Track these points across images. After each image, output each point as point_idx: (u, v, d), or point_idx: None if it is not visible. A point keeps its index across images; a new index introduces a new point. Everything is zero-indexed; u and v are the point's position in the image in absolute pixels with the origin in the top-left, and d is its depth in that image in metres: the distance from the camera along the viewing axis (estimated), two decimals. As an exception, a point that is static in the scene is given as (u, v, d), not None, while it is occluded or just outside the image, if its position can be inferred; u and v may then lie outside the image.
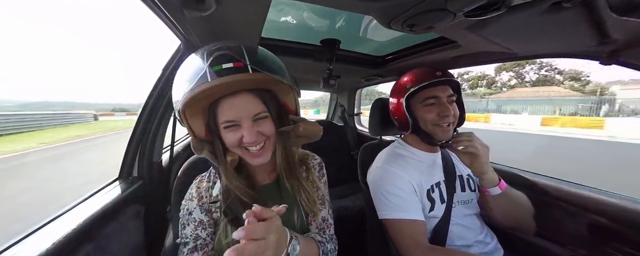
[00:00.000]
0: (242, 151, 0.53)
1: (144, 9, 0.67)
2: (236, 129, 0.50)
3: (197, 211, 0.59)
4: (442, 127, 0.81)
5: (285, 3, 0.89)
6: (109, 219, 0.77)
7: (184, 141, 1.79)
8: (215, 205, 0.59)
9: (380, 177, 0.84)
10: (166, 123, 1.04)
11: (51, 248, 0.56)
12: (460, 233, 0.80)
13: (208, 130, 0.51)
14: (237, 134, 0.50)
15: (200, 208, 0.59)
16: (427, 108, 0.82)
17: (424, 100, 0.82)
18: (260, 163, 0.54)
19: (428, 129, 0.84)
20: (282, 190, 0.62)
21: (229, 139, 0.51)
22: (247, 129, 0.49)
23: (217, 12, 0.73)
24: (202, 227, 0.58)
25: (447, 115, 0.79)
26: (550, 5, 0.51)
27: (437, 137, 0.83)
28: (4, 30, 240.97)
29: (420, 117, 0.84)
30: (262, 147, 0.53)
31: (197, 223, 0.58)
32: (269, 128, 0.53)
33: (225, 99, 0.48)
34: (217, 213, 0.59)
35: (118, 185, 0.91)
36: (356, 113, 2.48)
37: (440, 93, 0.81)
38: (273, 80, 0.48)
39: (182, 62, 0.52)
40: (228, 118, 0.48)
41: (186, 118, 0.48)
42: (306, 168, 0.67)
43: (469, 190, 0.85)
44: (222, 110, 0.48)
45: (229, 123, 0.49)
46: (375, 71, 1.53)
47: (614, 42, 0.63)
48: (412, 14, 0.61)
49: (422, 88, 0.81)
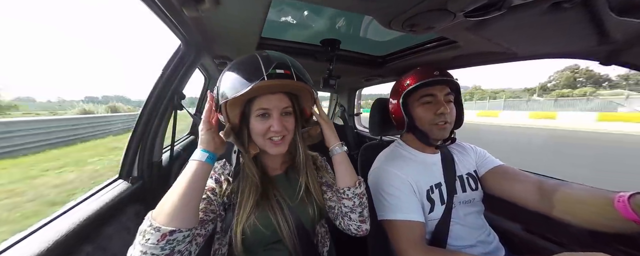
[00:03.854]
0: (265, 141, 0.62)
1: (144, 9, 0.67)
2: (266, 120, 0.60)
3: (211, 181, 0.65)
4: (438, 126, 0.81)
5: (285, 3, 0.89)
6: (109, 219, 0.77)
7: (184, 141, 1.79)
8: (229, 188, 0.65)
9: (379, 177, 0.84)
10: (166, 123, 1.04)
11: (51, 247, 0.56)
12: (462, 233, 0.79)
13: (241, 118, 0.60)
14: (266, 124, 0.60)
15: (214, 178, 0.66)
16: (424, 106, 0.83)
17: (420, 98, 0.83)
18: (278, 152, 0.63)
19: (424, 128, 0.84)
20: (291, 180, 0.72)
21: (258, 127, 0.60)
22: (276, 119, 0.59)
23: (217, 12, 0.73)
24: (208, 201, 0.62)
25: (443, 112, 0.79)
26: (550, 6, 0.51)
27: (433, 136, 0.83)
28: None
29: (417, 115, 0.84)
30: (282, 138, 0.62)
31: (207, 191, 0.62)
32: (291, 124, 0.63)
33: (263, 95, 0.59)
34: (228, 197, 0.65)
35: (118, 184, 0.90)
36: (356, 113, 2.48)
37: (437, 92, 0.81)
38: (305, 89, 0.60)
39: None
40: (262, 106, 0.59)
41: (226, 107, 0.58)
42: (316, 167, 0.77)
43: (469, 190, 0.84)
44: (260, 102, 0.59)
45: (261, 111, 0.59)
46: (375, 71, 1.53)
47: (614, 42, 0.63)
48: (412, 14, 0.61)
49: (419, 87, 0.81)
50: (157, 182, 1.03)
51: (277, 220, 0.62)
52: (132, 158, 0.96)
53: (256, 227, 0.61)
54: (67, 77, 65.47)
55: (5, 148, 6.58)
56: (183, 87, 1.03)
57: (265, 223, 0.62)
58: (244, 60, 0.59)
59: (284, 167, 0.74)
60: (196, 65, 1.07)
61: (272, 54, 0.58)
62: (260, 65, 0.55)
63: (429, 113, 0.81)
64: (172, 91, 0.96)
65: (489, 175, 0.85)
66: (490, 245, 0.81)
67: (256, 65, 0.55)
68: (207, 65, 1.54)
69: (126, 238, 0.83)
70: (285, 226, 0.62)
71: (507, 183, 0.80)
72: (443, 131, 0.82)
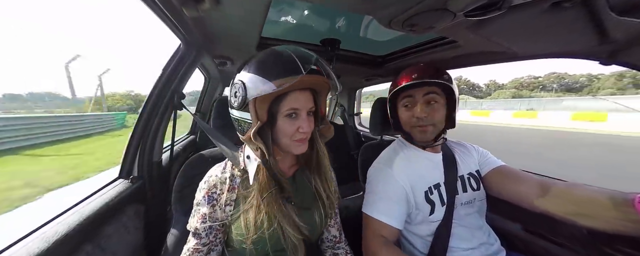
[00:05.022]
0: (291, 142, 0.60)
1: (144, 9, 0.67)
2: (294, 120, 0.58)
3: (204, 202, 0.62)
4: (418, 129, 0.81)
5: (285, 3, 0.89)
6: (109, 219, 0.77)
7: (184, 141, 1.79)
8: (230, 198, 0.62)
9: (377, 175, 0.85)
10: (166, 123, 1.04)
11: (51, 247, 0.56)
12: (463, 234, 0.79)
13: (268, 116, 0.57)
14: (295, 125, 0.58)
15: (209, 198, 0.62)
16: (403, 109, 0.84)
17: (402, 100, 0.84)
18: (301, 152, 0.61)
19: (407, 130, 0.85)
20: (299, 185, 0.67)
21: (287, 129, 0.58)
22: (305, 120, 0.58)
23: (217, 12, 0.73)
24: (203, 220, 0.60)
25: (418, 116, 0.79)
26: (551, 5, 0.51)
27: (415, 138, 0.84)
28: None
29: (401, 117, 0.86)
30: (305, 138, 0.61)
31: (200, 215, 0.61)
32: (312, 123, 0.61)
33: (292, 93, 0.56)
34: (230, 206, 0.62)
35: (118, 184, 0.91)
36: (356, 113, 2.48)
37: (415, 93, 0.80)
38: (328, 86, 0.60)
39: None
40: (293, 106, 0.57)
41: (255, 104, 0.55)
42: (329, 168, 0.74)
43: (470, 190, 0.84)
44: (289, 100, 0.56)
45: (291, 111, 0.57)
46: (375, 71, 1.53)
47: (614, 42, 0.63)
48: (412, 14, 0.61)
49: (402, 90, 0.82)
50: (157, 182, 1.03)
51: (281, 229, 0.59)
52: (132, 157, 0.96)
53: (259, 237, 0.58)
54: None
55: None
56: (183, 87, 1.03)
57: (273, 233, 0.59)
58: (270, 54, 0.57)
59: (292, 170, 0.70)
60: (196, 65, 1.07)
61: (294, 49, 0.56)
62: (294, 59, 0.53)
63: (408, 116, 0.82)
64: (172, 91, 0.97)
65: (491, 175, 0.85)
66: (492, 247, 0.80)
67: (290, 59, 0.53)
68: (207, 65, 1.54)
69: (126, 237, 0.83)
70: (289, 235, 0.59)
71: (510, 183, 0.79)
72: (424, 134, 0.81)
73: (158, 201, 1.02)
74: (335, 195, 0.71)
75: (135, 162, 0.97)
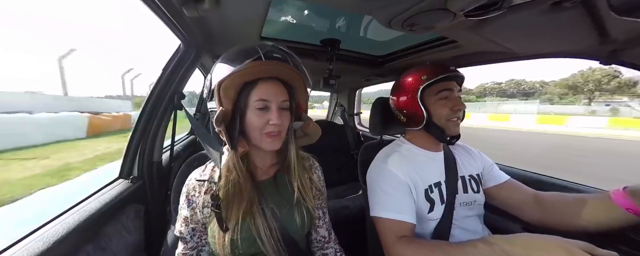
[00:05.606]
0: (261, 136, 0.57)
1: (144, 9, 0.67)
2: (264, 113, 0.56)
3: (185, 205, 0.61)
4: (453, 122, 0.81)
5: (285, 3, 0.89)
6: (109, 219, 0.77)
7: (184, 141, 1.79)
8: (206, 200, 0.60)
9: (377, 174, 0.84)
10: (166, 123, 1.04)
11: (51, 247, 0.56)
12: (461, 236, 0.78)
13: (234, 108, 0.56)
14: (264, 118, 0.56)
15: (188, 201, 0.61)
16: (441, 102, 0.81)
17: (438, 93, 0.81)
18: (272, 148, 0.58)
19: (442, 124, 0.82)
20: (280, 186, 0.65)
21: (256, 121, 0.56)
22: (275, 111, 0.56)
23: (217, 12, 0.73)
24: (185, 223, 0.60)
25: (460, 108, 0.80)
26: (551, 5, 0.51)
27: (449, 132, 0.83)
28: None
29: (434, 111, 0.82)
30: (277, 133, 0.58)
31: (182, 219, 0.61)
32: (287, 118, 0.59)
33: (261, 82, 0.55)
34: (207, 207, 0.59)
35: (118, 184, 0.91)
36: (356, 113, 2.48)
37: (453, 86, 0.81)
38: (301, 78, 0.59)
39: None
40: (262, 97, 0.55)
41: (220, 91, 0.53)
42: (305, 169, 0.70)
43: (471, 191, 0.83)
44: (258, 90, 0.55)
45: (261, 104, 0.55)
46: (375, 71, 1.53)
47: (614, 42, 0.63)
48: (412, 14, 0.61)
49: (436, 82, 0.80)
50: (157, 182, 1.03)
51: (258, 232, 0.57)
52: (132, 158, 0.96)
53: (235, 241, 0.56)
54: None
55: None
56: (183, 87, 1.03)
57: (246, 235, 0.57)
58: (237, 47, 0.58)
59: (273, 170, 0.67)
60: (196, 65, 1.07)
61: (263, 44, 0.57)
62: (255, 46, 0.55)
63: (446, 109, 0.81)
64: (172, 91, 0.97)
65: (496, 189, 0.87)
66: None
67: (253, 48, 0.55)
68: (207, 65, 1.54)
69: (126, 237, 0.83)
70: (267, 238, 0.57)
71: (513, 197, 0.84)
72: (457, 127, 0.83)
73: (158, 201, 1.02)
74: (322, 195, 0.72)
75: (135, 162, 0.97)
